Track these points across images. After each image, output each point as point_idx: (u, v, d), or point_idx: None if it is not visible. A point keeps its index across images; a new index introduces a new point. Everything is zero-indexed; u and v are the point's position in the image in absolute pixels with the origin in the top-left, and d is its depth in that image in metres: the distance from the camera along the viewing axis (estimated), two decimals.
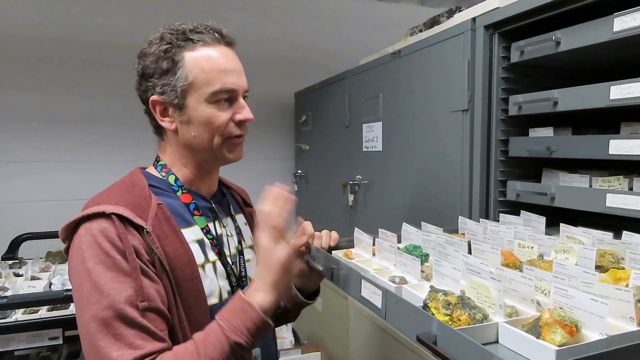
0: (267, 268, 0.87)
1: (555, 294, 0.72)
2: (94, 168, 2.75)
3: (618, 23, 1.07)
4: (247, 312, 0.82)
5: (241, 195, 1.19)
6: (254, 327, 0.81)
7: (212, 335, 0.80)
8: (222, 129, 0.94)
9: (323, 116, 2.67)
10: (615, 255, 0.97)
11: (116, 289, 0.79)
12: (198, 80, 0.91)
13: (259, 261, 0.90)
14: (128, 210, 0.85)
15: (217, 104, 0.93)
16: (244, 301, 0.83)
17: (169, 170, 0.99)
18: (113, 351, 0.76)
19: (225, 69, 0.93)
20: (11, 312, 1.44)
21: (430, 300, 0.76)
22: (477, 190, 1.47)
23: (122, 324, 0.77)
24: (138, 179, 0.95)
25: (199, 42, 0.92)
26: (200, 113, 0.92)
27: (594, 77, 1.30)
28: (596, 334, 0.65)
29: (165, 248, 0.87)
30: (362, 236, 1.19)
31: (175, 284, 0.87)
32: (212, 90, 0.91)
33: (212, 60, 0.92)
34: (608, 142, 1.12)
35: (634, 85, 1.04)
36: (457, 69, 1.51)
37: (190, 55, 0.91)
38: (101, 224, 0.83)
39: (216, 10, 2.90)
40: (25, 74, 2.59)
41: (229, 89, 0.93)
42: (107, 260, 0.80)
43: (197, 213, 0.99)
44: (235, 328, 0.80)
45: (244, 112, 0.96)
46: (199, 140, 0.95)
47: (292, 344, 2.28)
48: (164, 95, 0.92)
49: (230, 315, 0.82)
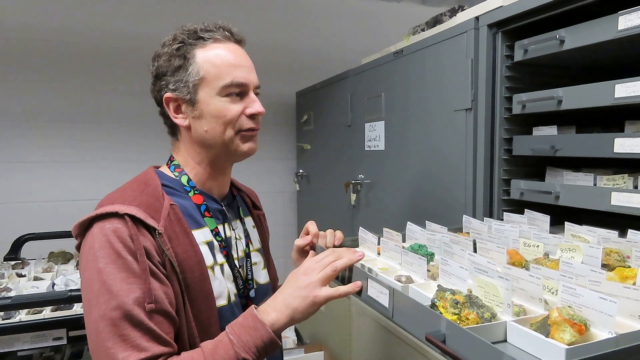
0: (297, 295, 0.86)
1: (564, 292, 0.72)
2: (96, 168, 2.75)
3: (622, 21, 1.06)
4: (259, 330, 0.82)
5: (251, 197, 1.19)
6: (262, 346, 0.82)
7: (222, 348, 0.81)
8: (234, 122, 0.95)
9: (325, 115, 2.67)
10: (621, 254, 0.97)
11: (125, 289, 0.79)
12: (209, 74, 0.93)
13: (292, 282, 0.88)
14: (141, 211, 0.85)
15: (228, 97, 0.94)
16: (256, 319, 0.83)
17: (182, 170, 1.00)
18: (119, 352, 0.76)
19: (235, 63, 0.94)
20: (15, 313, 1.44)
21: (438, 299, 0.76)
22: (480, 189, 1.47)
23: (129, 325, 0.77)
24: (151, 178, 0.95)
25: (209, 40, 0.94)
26: (213, 107, 0.93)
27: (599, 75, 1.30)
28: (605, 333, 0.65)
29: (176, 249, 0.87)
30: (367, 235, 1.19)
31: (185, 285, 0.87)
32: (223, 84, 0.93)
33: (223, 55, 0.94)
34: (613, 140, 1.11)
35: (638, 83, 1.04)
36: (460, 68, 1.51)
37: (202, 52, 0.93)
38: (114, 224, 0.83)
39: (218, 10, 2.90)
40: (26, 75, 2.59)
41: (240, 83, 0.94)
42: (119, 261, 0.81)
43: (208, 215, 0.98)
44: (244, 345, 0.81)
45: (255, 105, 0.96)
46: (211, 135, 0.95)
47: (294, 344, 2.28)
48: (177, 91, 0.94)
49: (242, 330, 0.82)
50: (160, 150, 1.37)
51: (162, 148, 1.20)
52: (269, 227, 1.23)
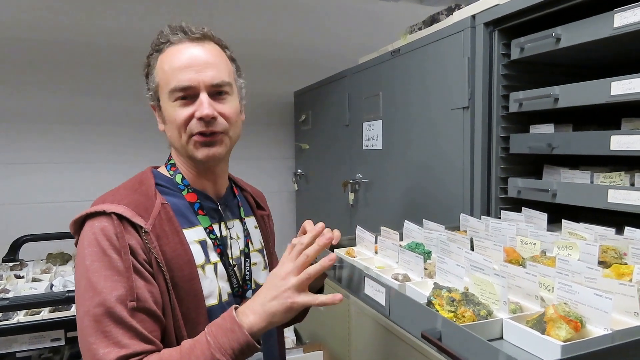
0: (274, 298, 0.84)
1: (560, 289, 0.72)
2: (94, 169, 2.75)
3: (618, 19, 1.07)
4: (236, 332, 0.82)
5: (255, 197, 1.19)
6: (239, 348, 0.81)
7: (198, 348, 0.81)
8: (184, 126, 0.94)
9: (323, 115, 2.67)
10: (618, 251, 0.97)
11: (109, 287, 0.81)
12: (161, 80, 0.96)
13: (271, 285, 0.86)
14: (128, 209, 0.87)
15: (178, 102, 0.94)
16: (234, 321, 0.83)
17: (177, 169, 1.02)
18: (100, 348, 0.78)
19: (180, 66, 0.93)
20: (13, 314, 1.44)
21: (434, 297, 0.76)
22: (478, 188, 1.47)
23: (111, 322, 0.79)
24: (146, 178, 0.97)
25: (165, 44, 0.96)
26: (168, 112, 0.96)
27: (595, 73, 1.30)
28: (601, 329, 0.65)
29: (165, 248, 0.88)
30: (364, 234, 1.19)
31: (173, 284, 0.88)
32: (169, 89, 0.94)
33: (171, 59, 0.95)
34: (609, 138, 1.12)
35: (634, 81, 1.04)
36: (457, 67, 1.51)
37: (159, 59, 0.97)
38: (102, 222, 0.85)
39: (214, 11, 2.90)
40: (24, 76, 2.59)
41: (182, 87, 0.93)
42: (104, 259, 0.83)
43: (202, 213, 0.99)
44: (220, 346, 0.81)
45: (201, 108, 0.93)
46: (172, 140, 0.98)
47: (294, 343, 2.28)
48: (151, 100, 1.00)
49: (219, 332, 0.82)
50: (158, 151, 1.37)
51: (160, 149, 1.21)
52: (274, 228, 1.22)
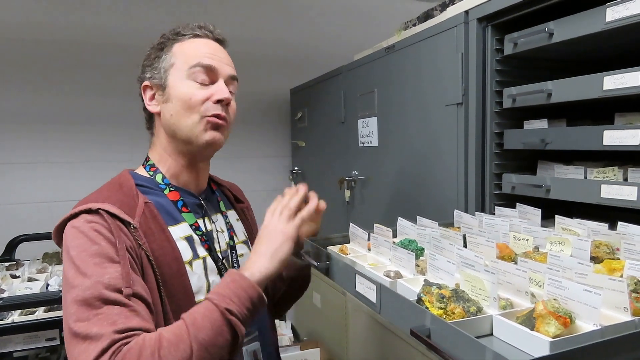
0: (266, 240, 0.88)
1: (549, 285, 0.72)
2: (90, 169, 2.74)
3: (610, 13, 1.06)
4: (237, 281, 0.80)
5: (232, 191, 1.19)
6: (245, 295, 0.79)
7: (200, 307, 0.78)
8: (198, 106, 0.94)
9: (319, 112, 2.66)
10: (611, 246, 0.97)
11: (99, 272, 0.77)
12: (179, 60, 0.96)
13: (258, 238, 0.91)
14: (115, 207, 0.86)
15: (196, 83, 0.95)
16: (233, 273, 0.83)
17: (157, 169, 1.01)
18: (92, 328, 0.71)
19: (205, 52, 0.97)
20: (7, 314, 1.44)
21: (424, 294, 0.76)
22: (472, 184, 1.47)
23: (103, 303, 0.74)
24: (125, 179, 0.96)
25: (188, 35, 0.99)
26: (179, 90, 0.95)
27: (588, 68, 1.30)
28: (590, 325, 0.65)
29: (152, 245, 0.87)
30: (357, 231, 1.19)
31: (162, 281, 0.87)
32: (190, 65, 0.95)
33: (196, 45, 0.98)
34: (602, 132, 1.11)
35: (627, 75, 1.04)
36: (450, 63, 1.50)
37: (178, 44, 0.98)
38: (86, 217, 0.84)
39: (210, 8, 2.89)
40: (21, 76, 2.57)
41: (206, 64, 0.95)
42: (92, 247, 0.80)
43: (186, 210, 0.99)
44: (224, 297, 0.78)
45: (221, 92, 0.96)
46: (175, 119, 0.95)
47: (291, 341, 2.28)
48: (152, 79, 0.98)
49: (219, 288, 0.80)
50: None
51: None
52: (256, 221, 1.22)
